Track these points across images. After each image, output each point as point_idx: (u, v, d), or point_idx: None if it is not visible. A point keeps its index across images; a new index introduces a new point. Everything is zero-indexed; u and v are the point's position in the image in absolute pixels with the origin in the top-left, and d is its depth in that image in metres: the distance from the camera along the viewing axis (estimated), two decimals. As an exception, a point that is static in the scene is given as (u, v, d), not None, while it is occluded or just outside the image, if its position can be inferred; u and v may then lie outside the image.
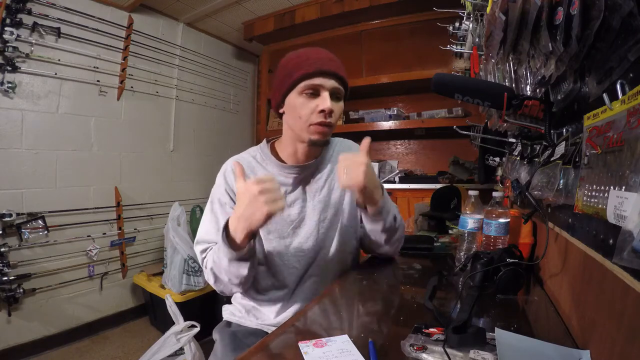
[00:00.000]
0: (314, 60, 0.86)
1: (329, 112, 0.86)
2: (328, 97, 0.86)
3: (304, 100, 0.87)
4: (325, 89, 0.86)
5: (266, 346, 0.59)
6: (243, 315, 0.97)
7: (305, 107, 0.87)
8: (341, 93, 0.90)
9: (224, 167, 0.96)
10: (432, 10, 1.47)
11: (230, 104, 3.38)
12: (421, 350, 0.52)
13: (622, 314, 0.43)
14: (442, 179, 2.45)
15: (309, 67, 0.85)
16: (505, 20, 0.68)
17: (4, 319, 1.90)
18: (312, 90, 0.86)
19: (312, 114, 0.87)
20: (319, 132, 0.88)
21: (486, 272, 0.76)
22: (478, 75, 1.17)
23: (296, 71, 0.86)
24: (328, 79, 0.86)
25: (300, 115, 0.88)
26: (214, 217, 0.91)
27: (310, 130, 0.88)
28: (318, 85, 0.86)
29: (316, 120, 0.87)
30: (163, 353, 1.51)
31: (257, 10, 2.84)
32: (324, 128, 0.88)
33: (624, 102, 0.40)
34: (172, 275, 2.17)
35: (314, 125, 0.87)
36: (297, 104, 0.88)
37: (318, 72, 0.85)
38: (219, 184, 0.94)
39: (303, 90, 0.86)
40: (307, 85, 0.86)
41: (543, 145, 0.80)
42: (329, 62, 0.87)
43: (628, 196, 0.37)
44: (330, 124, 0.89)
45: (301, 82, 0.86)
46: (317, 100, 0.86)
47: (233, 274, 0.82)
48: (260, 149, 0.99)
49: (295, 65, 0.87)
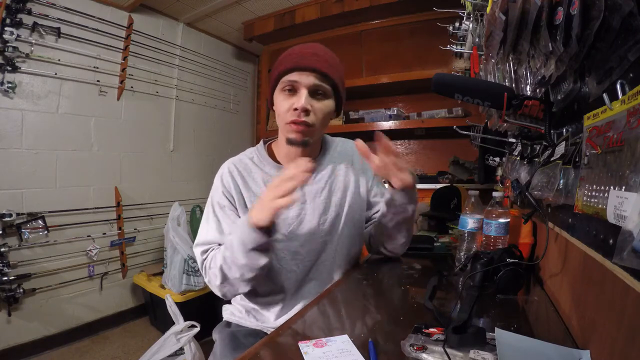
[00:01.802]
0: (295, 56, 0.84)
1: (303, 110, 0.83)
2: (304, 95, 0.83)
3: (283, 98, 0.86)
4: (302, 86, 0.84)
5: (266, 346, 0.59)
6: (243, 316, 0.96)
7: (283, 104, 0.85)
8: (325, 90, 0.86)
9: (221, 170, 0.95)
10: (432, 10, 1.47)
11: (230, 104, 3.38)
12: (421, 350, 0.52)
13: (622, 314, 0.43)
14: (442, 179, 2.45)
15: (287, 63, 0.84)
16: (505, 20, 0.68)
17: (4, 319, 1.90)
18: (290, 87, 0.84)
19: (287, 111, 0.85)
20: (294, 131, 0.86)
21: (486, 272, 0.76)
22: (478, 75, 1.17)
23: (277, 67, 0.85)
24: (307, 74, 0.83)
25: (279, 112, 0.87)
26: (215, 219, 0.90)
27: (287, 129, 0.87)
28: (294, 81, 0.84)
29: (290, 118, 0.85)
30: (163, 353, 1.51)
31: (257, 10, 2.84)
32: (299, 127, 0.85)
33: (624, 102, 0.40)
34: (172, 275, 2.17)
35: (289, 124, 0.86)
36: (277, 101, 0.87)
37: (295, 68, 0.83)
38: (217, 186, 0.93)
39: (283, 87, 0.85)
40: (284, 82, 0.84)
41: (543, 145, 0.80)
42: (309, 58, 0.84)
43: (628, 196, 0.37)
44: (306, 122, 0.84)
45: (280, 78, 0.85)
46: (294, 97, 0.84)
47: (248, 266, 0.78)
48: (257, 151, 0.98)
49: (279, 62, 0.86)
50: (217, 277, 0.83)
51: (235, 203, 0.90)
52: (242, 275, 0.80)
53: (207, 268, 0.86)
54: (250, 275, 0.80)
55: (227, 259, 0.80)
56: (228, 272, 0.81)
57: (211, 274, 0.84)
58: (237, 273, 0.80)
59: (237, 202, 0.90)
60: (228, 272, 0.81)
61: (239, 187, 0.91)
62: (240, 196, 0.91)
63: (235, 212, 0.91)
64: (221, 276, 0.82)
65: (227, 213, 0.90)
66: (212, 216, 0.90)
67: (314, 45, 0.89)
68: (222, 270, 0.81)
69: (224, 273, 0.82)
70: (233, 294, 0.89)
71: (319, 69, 0.83)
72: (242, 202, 0.91)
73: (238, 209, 0.91)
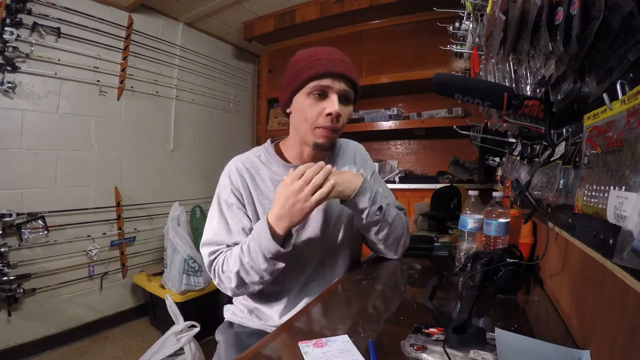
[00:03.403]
0: (325, 61, 0.83)
1: (337, 116, 0.84)
2: (336, 100, 0.83)
3: (311, 102, 0.85)
4: (333, 91, 0.84)
5: (266, 346, 0.59)
6: (245, 316, 0.96)
7: (313, 108, 0.84)
8: (350, 96, 0.88)
9: (228, 167, 0.94)
10: (432, 10, 1.47)
11: (230, 104, 3.38)
12: (421, 350, 0.52)
13: (622, 314, 0.43)
14: (442, 179, 2.45)
15: (319, 67, 0.83)
16: (505, 20, 0.68)
17: (4, 319, 1.90)
18: (320, 91, 0.84)
19: (319, 116, 0.84)
20: (324, 136, 0.86)
21: (486, 272, 0.76)
22: (478, 75, 1.17)
23: (305, 71, 0.83)
24: (338, 81, 0.83)
25: (307, 117, 0.85)
26: (223, 218, 0.89)
27: (316, 134, 0.86)
28: (327, 86, 0.83)
29: (323, 123, 0.85)
30: (163, 353, 1.51)
31: (257, 10, 2.84)
32: (330, 132, 0.86)
33: (624, 102, 0.40)
34: (172, 275, 2.17)
35: (319, 129, 0.85)
36: (304, 105, 0.85)
37: (327, 74, 0.82)
38: (224, 184, 0.91)
39: (311, 91, 0.84)
40: (315, 86, 0.83)
41: (543, 145, 0.80)
42: (340, 64, 0.84)
43: (628, 196, 0.37)
44: (337, 128, 0.86)
45: (310, 82, 0.83)
46: (325, 102, 0.84)
47: (268, 271, 0.80)
48: (265, 149, 0.97)
49: (305, 65, 0.84)
50: (232, 281, 0.83)
51: (244, 201, 0.90)
52: (261, 278, 0.82)
53: (218, 271, 0.85)
54: (269, 277, 0.82)
55: (245, 265, 0.80)
56: (246, 276, 0.82)
57: (224, 277, 0.84)
58: (256, 277, 0.81)
59: (246, 200, 0.90)
60: (246, 277, 0.82)
61: (248, 185, 0.91)
62: (249, 194, 0.91)
63: (243, 211, 0.90)
64: (237, 280, 0.82)
65: (234, 211, 0.89)
66: (219, 215, 0.90)
67: (334, 50, 0.88)
68: (238, 275, 0.82)
69: (241, 277, 0.82)
70: (245, 294, 0.90)
71: (349, 76, 0.84)
72: (250, 200, 0.91)
73: (246, 207, 0.90)
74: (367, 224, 0.90)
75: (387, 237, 0.94)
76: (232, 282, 0.83)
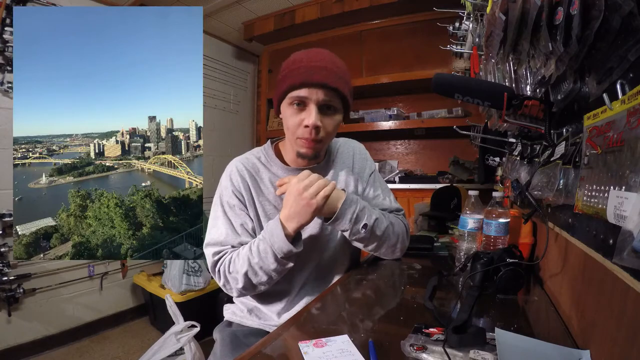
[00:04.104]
0: (303, 69, 0.81)
1: (314, 127, 0.82)
2: (314, 111, 0.81)
3: (292, 112, 0.84)
4: (312, 102, 0.81)
5: (266, 346, 0.59)
6: (245, 315, 0.96)
7: (292, 119, 0.84)
8: (335, 104, 0.84)
9: (229, 168, 0.94)
10: (432, 10, 1.47)
11: (230, 104, 3.38)
12: (421, 350, 0.52)
13: (622, 314, 0.43)
14: (442, 179, 2.45)
15: (296, 77, 0.81)
16: (505, 20, 0.68)
17: (4, 319, 1.90)
18: (299, 101, 0.82)
19: (298, 127, 0.84)
20: (306, 147, 0.86)
21: (486, 272, 0.76)
22: (478, 75, 1.17)
23: (286, 79, 0.83)
24: (316, 90, 0.80)
25: (288, 126, 0.86)
26: (226, 219, 0.89)
27: (298, 143, 0.86)
28: (304, 97, 0.81)
29: (302, 135, 0.84)
30: (163, 353, 1.51)
31: (257, 10, 2.84)
32: (311, 143, 0.85)
33: (624, 102, 0.40)
34: (172, 275, 2.17)
35: (300, 139, 0.85)
36: (286, 114, 0.86)
37: (305, 84, 0.80)
38: (226, 185, 0.91)
39: (292, 101, 0.83)
40: (292, 97, 0.82)
41: (543, 145, 0.80)
42: (319, 72, 0.80)
43: (628, 196, 0.37)
44: (318, 139, 0.84)
45: (289, 92, 0.83)
46: (304, 113, 0.83)
47: (277, 271, 0.81)
48: (265, 151, 0.98)
49: (287, 73, 0.83)
50: (239, 282, 0.83)
51: (246, 202, 0.90)
52: (269, 278, 0.82)
53: (224, 272, 0.85)
54: (277, 277, 0.83)
55: (254, 266, 0.81)
56: (254, 277, 0.82)
57: (231, 278, 0.84)
58: (264, 277, 0.82)
59: (247, 201, 0.90)
60: (254, 278, 0.82)
61: (249, 186, 0.91)
62: (250, 195, 0.91)
63: (245, 211, 0.91)
64: (244, 281, 0.82)
65: (237, 212, 0.89)
66: (223, 216, 0.90)
67: (321, 56, 0.84)
68: (246, 276, 0.81)
69: (249, 278, 0.82)
70: (250, 294, 0.91)
71: (329, 84, 0.81)
72: (251, 202, 0.91)
73: (248, 208, 0.91)
74: (353, 240, 0.90)
75: (377, 248, 0.95)
76: (238, 283, 0.83)
